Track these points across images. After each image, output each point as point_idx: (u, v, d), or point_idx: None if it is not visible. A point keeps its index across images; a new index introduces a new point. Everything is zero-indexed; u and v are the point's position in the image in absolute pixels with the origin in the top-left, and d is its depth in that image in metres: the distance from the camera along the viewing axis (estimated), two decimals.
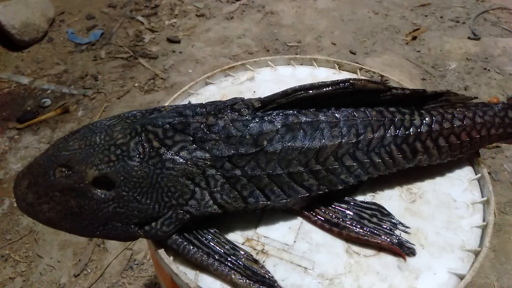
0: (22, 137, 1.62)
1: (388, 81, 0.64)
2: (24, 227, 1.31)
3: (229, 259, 0.48)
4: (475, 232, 0.54)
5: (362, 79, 0.54)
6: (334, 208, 0.54)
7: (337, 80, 0.53)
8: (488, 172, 0.86)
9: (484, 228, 0.54)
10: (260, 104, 0.53)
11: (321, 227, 0.54)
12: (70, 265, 1.21)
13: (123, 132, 0.50)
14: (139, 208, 0.48)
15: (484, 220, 0.55)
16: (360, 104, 0.56)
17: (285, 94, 0.52)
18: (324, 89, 0.53)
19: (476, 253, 0.51)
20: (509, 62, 1.93)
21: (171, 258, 0.49)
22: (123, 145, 0.49)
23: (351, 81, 0.53)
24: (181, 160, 0.48)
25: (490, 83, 1.83)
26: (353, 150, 0.54)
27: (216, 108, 0.52)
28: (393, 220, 0.54)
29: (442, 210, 0.57)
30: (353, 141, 0.53)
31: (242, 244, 0.52)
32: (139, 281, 1.17)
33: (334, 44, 2.06)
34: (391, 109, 0.58)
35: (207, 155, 0.49)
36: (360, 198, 0.57)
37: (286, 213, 0.55)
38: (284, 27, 2.18)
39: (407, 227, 0.54)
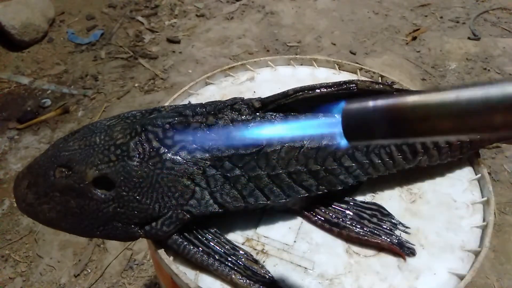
0: (22, 137, 1.62)
1: (394, 83, 0.64)
2: (24, 227, 1.31)
3: (229, 259, 0.48)
4: (475, 232, 0.54)
5: (366, 80, 0.54)
6: (334, 208, 0.54)
7: (340, 81, 0.53)
8: (488, 172, 0.86)
9: (484, 228, 0.54)
10: (260, 104, 0.53)
11: (321, 227, 0.54)
12: (70, 265, 1.21)
13: (123, 132, 0.50)
14: (139, 208, 0.48)
15: (484, 220, 0.55)
16: None
17: (286, 94, 0.52)
18: (326, 90, 0.53)
19: (476, 253, 0.51)
20: (509, 62, 1.93)
21: (171, 258, 0.49)
22: (123, 145, 0.49)
23: (354, 81, 0.53)
24: (181, 160, 0.49)
25: None
26: (352, 151, 0.54)
27: (216, 108, 0.52)
28: (393, 220, 0.54)
29: (442, 210, 0.57)
30: None
31: (242, 244, 0.52)
32: (139, 281, 1.17)
33: (334, 44, 2.06)
34: None
35: (207, 155, 0.49)
36: (360, 198, 0.57)
37: (286, 213, 0.55)
38: (284, 27, 2.18)
39: (407, 227, 0.54)
